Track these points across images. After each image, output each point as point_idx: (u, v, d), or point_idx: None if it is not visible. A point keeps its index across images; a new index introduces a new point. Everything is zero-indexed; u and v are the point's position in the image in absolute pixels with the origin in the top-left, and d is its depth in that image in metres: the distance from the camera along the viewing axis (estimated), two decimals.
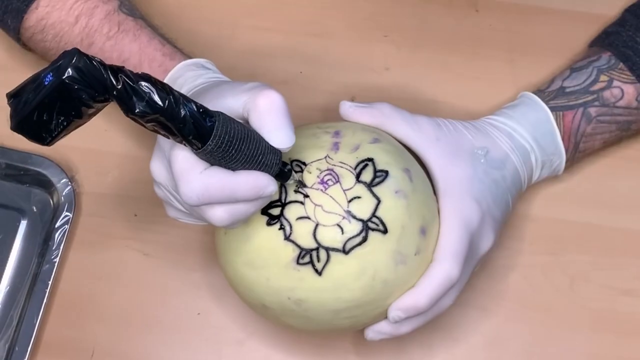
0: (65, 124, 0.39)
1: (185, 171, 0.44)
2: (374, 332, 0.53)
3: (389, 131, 0.55)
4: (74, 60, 0.38)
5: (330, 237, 0.49)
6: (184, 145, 0.43)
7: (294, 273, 0.49)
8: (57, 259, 0.62)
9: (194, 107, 0.41)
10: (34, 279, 0.62)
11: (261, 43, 0.71)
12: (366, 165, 0.51)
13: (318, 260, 0.48)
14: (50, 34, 0.62)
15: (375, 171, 0.50)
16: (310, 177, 0.50)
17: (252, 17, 0.72)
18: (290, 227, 0.49)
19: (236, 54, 0.70)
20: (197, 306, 0.62)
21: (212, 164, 0.44)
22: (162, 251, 0.63)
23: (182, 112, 0.41)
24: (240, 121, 0.45)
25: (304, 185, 0.50)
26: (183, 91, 0.55)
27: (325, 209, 0.49)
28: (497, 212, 0.55)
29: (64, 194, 0.64)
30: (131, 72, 0.40)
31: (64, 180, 0.65)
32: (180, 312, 0.62)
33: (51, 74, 0.38)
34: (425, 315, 0.52)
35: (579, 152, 0.61)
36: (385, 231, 0.49)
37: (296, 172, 0.50)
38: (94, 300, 0.62)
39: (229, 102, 0.46)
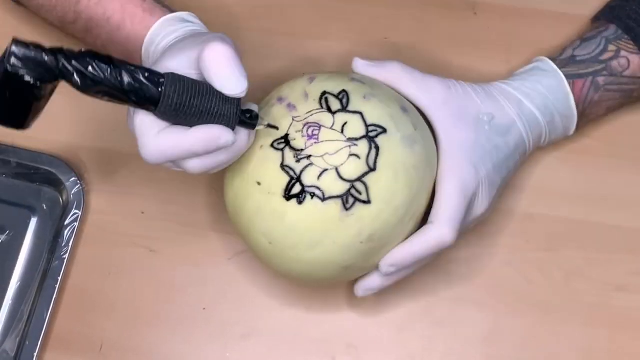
0: (28, 106, 0.43)
1: (141, 134, 0.47)
2: (364, 290, 0.56)
3: (398, 90, 0.56)
4: (12, 49, 0.41)
5: (353, 168, 0.50)
6: (140, 109, 0.45)
7: (348, 220, 0.50)
8: (66, 256, 0.62)
9: (139, 72, 0.44)
10: (44, 275, 0.63)
11: (264, 45, 0.71)
12: (326, 97, 0.52)
13: (360, 194, 0.50)
14: None
15: (337, 95, 0.52)
16: (298, 140, 0.51)
17: (255, 19, 0.73)
18: (319, 188, 0.50)
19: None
20: (202, 301, 0.63)
21: (172, 123, 0.46)
22: (168, 247, 0.64)
23: (126, 80, 0.43)
24: (194, 77, 0.47)
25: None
26: (161, 47, 0.56)
27: (331, 152, 0.50)
28: (497, 178, 0.56)
29: (73, 192, 0.65)
30: (69, 50, 0.42)
31: (73, 178, 0.65)
32: (186, 307, 0.63)
33: None
34: (412, 268, 0.55)
35: (584, 118, 0.62)
36: (385, 130, 0.51)
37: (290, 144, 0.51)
38: (102, 295, 0.63)
39: (188, 55, 0.48)
